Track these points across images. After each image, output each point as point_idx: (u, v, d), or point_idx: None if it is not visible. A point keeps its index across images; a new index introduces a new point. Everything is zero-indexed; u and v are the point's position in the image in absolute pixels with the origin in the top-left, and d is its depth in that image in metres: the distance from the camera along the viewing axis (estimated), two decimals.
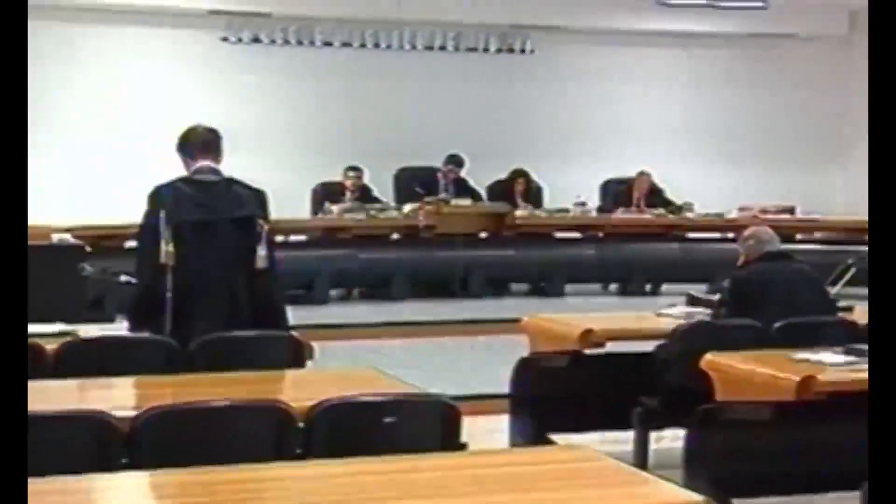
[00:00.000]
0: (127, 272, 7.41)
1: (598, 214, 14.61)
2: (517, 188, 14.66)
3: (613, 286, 14.16)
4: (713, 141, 16.49)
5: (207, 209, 6.23)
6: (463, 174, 14.51)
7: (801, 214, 14.80)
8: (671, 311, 7.56)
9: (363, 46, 15.43)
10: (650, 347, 7.01)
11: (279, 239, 7.58)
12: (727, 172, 16.10)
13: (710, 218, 14.49)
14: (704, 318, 7.15)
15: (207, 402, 4.43)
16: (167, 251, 6.10)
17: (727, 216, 14.31)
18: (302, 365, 5.80)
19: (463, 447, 4.40)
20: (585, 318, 7.56)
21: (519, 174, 14.76)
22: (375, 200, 14.05)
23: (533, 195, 14.77)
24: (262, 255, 6.23)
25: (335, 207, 13.64)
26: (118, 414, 4.24)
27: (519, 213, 14.09)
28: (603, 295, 13.96)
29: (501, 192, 14.64)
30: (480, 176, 14.69)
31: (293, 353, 5.85)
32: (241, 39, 15.06)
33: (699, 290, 8.61)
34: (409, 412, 4.50)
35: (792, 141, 16.69)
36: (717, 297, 7.50)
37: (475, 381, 8.28)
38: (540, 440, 6.64)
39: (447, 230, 13.54)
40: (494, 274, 13.68)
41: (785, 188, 15.58)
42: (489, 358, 8.51)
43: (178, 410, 4.33)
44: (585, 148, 15.72)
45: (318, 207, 13.91)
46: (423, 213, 13.53)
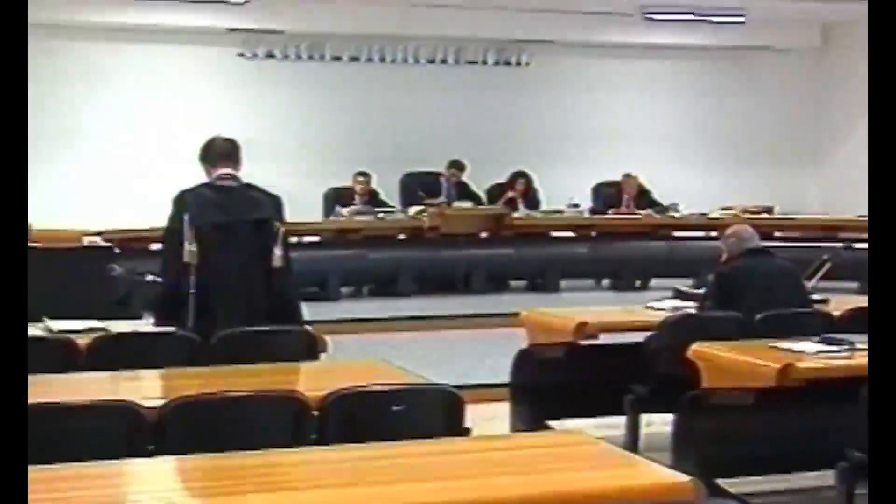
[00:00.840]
0: (152, 272, 7.42)
1: (590, 215, 14.62)
2: (517, 189, 14.68)
3: (605, 282, 14.15)
4: (697, 146, 16.49)
5: (227, 212, 6.23)
6: (464, 178, 14.53)
7: (778, 214, 14.80)
8: (659, 304, 7.56)
9: (370, 60, 15.44)
10: (640, 338, 6.99)
11: (294, 240, 7.55)
12: (710, 175, 16.09)
13: (694, 217, 14.50)
14: (690, 310, 7.16)
15: (228, 392, 4.43)
16: (190, 251, 6.10)
17: (710, 215, 14.30)
18: (316, 357, 5.80)
19: (466, 433, 4.39)
20: (580, 311, 7.57)
21: (519, 175, 14.78)
22: (383, 204, 14.06)
23: (531, 197, 14.77)
24: (277, 254, 6.23)
25: (345, 210, 13.66)
26: (146, 404, 4.25)
27: (516, 214, 14.11)
28: (596, 290, 13.95)
29: (501, 193, 14.65)
30: (480, 180, 14.70)
31: (307, 346, 5.86)
32: (256, 55, 15.06)
33: (685, 284, 8.61)
34: (415, 400, 4.49)
35: (769, 145, 16.69)
36: (702, 291, 7.51)
37: (477, 371, 8.27)
38: (538, 426, 6.64)
39: (450, 231, 13.56)
40: (494, 271, 13.70)
41: (764, 189, 15.58)
42: (490, 349, 8.50)
43: (201, 400, 4.33)
44: (578, 153, 15.72)
45: (329, 210, 13.92)
46: (427, 215, 13.55)
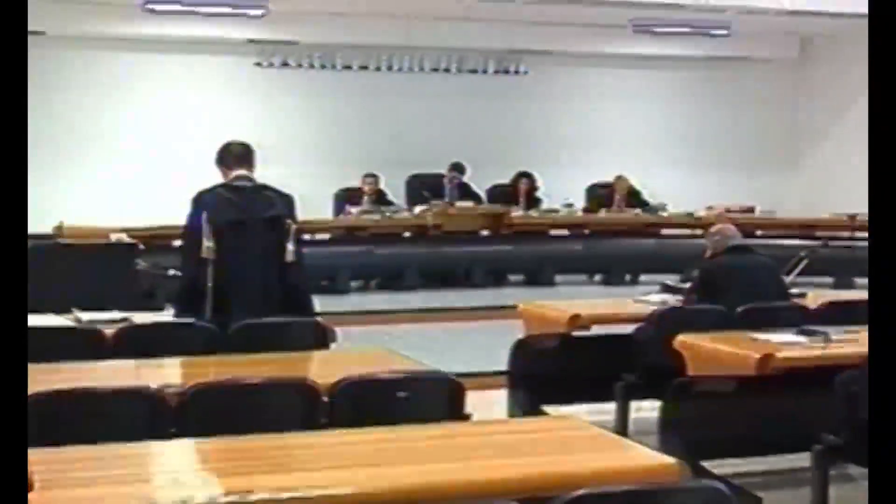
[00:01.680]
0: (174, 266, 7.41)
1: (583, 214, 14.62)
2: (521, 189, 14.68)
3: (598, 277, 14.12)
4: (684, 149, 16.47)
5: (243, 211, 6.22)
6: (465, 179, 14.52)
7: (759, 213, 14.78)
8: (648, 298, 7.55)
9: (378, 69, 15.43)
10: (630, 330, 6.99)
11: (306, 237, 7.57)
12: (696, 177, 16.07)
13: (681, 216, 14.51)
14: (677, 303, 7.15)
15: (244, 379, 4.44)
16: (208, 247, 6.10)
17: (696, 215, 14.29)
18: (326, 347, 5.79)
19: (467, 418, 4.39)
20: (573, 304, 7.56)
21: (523, 175, 14.79)
22: (389, 203, 14.07)
23: (532, 197, 14.77)
24: (290, 250, 6.23)
25: (354, 209, 13.66)
26: (167, 389, 4.25)
27: (515, 213, 14.11)
28: (589, 284, 13.93)
29: (504, 192, 14.66)
30: (481, 181, 14.71)
31: (318, 336, 5.85)
32: (272, 64, 15.06)
33: (672, 279, 8.58)
34: (419, 387, 4.49)
35: (751, 149, 16.68)
36: (687, 285, 7.49)
37: (477, 360, 8.25)
38: (534, 411, 6.63)
39: (452, 229, 13.57)
40: (494, 267, 13.68)
41: (745, 190, 15.56)
42: (489, 340, 8.48)
43: (219, 386, 4.34)
44: (572, 156, 15.69)
45: (339, 209, 13.94)
46: (430, 214, 13.55)
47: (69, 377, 4.47)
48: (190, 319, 6.01)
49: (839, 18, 14.02)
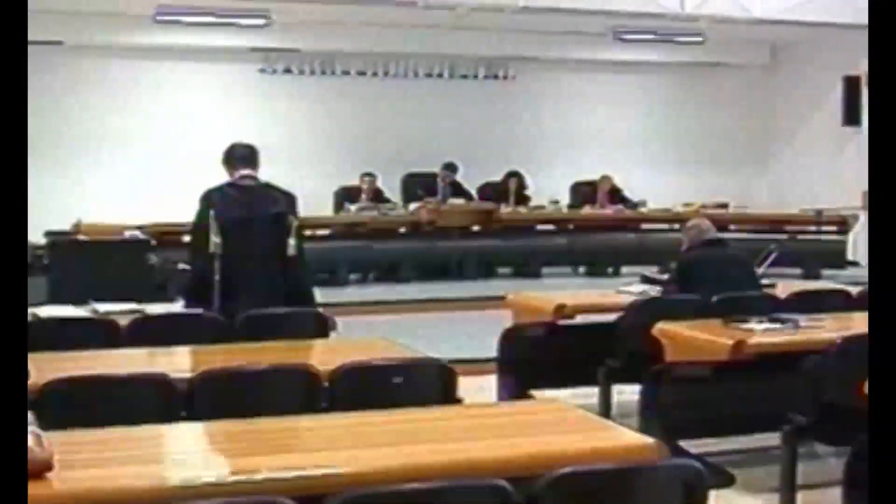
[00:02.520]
0: (184, 261, 7.40)
1: (568, 210, 14.60)
2: (510, 187, 14.67)
3: (582, 269, 14.12)
4: (662, 149, 16.47)
5: (248, 208, 6.22)
6: (457, 178, 14.51)
7: (732, 209, 14.78)
8: (629, 288, 7.55)
9: (375, 75, 15.40)
10: (612, 319, 6.99)
11: (307, 233, 7.55)
12: (673, 175, 16.07)
13: (659, 212, 14.50)
14: (656, 294, 7.14)
15: (250, 366, 4.44)
16: (216, 243, 6.10)
17: (673, 211, 14.30)
18: (326, 335, 5.79)
19: (458, 402, 4.39)
20: (559, 295, 7.56)
21: (512, 174, 14.78)
22: (386, 201, 14.06)
23: (521, 194, 14.77)
24: (292, 245, 6.23)
25: (353, 206, 13.65)
26: (177, 376, 4.25)
27: (504, 209, 14.11)
28: (573, 276, 13.91)
29: (494, 190, 14.65)
30: (472, 180, 14.70)
31: (319, 326, 5.85)
32: (275, 71, 15.03)
33: (652, 271, 8.59)
34: (414, 373, 4.50)
35: (725, 149, 16.67)
36: (666, 276, 7.49)
37: (468, 347, 8.26)
38: (522, 395, 6.63)
39: (445, 225, 13.55)
40: (484, 260, 13.67)
41: (720, 187, 15.55)
42: (480, 328, 8.49)
43: (226, 373, 4.34)
44: (557, 156, 15.69)
45: (339, 207, 13.92)
46: (425, 210, 13.54)
47: (86, 364, 4.47)
48: (199, 310, 6.01)
49: (807, 27, 14.04)
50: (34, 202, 12.53)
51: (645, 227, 14.47)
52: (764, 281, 7.42)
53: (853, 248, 14.67)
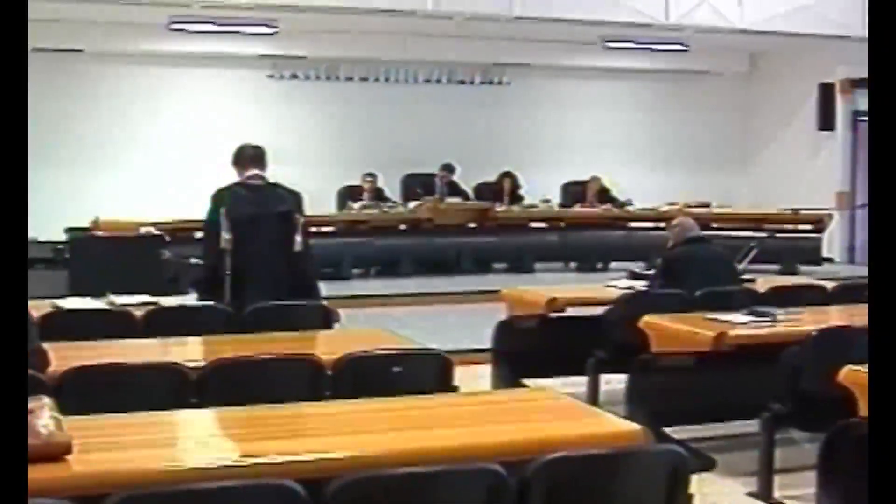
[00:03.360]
0: (196, 256, 7.40)
1: (559, 209, 14.60)
2: (504, 186, 14.67)
3: (572, 264, 14.13)
4: (648, 152, 16.46)
5: (256, 206, 6.22)
6: (454, 178, 14.51)
7: (714, 208, 14.77)
8: (616, 283, 7.55)
9: (377, 80, 15.39)
10: (600, 311, 6.99)
11: (312, 229, 7.54)
12: (659, 176, 16.06)
13: (646, 211, 14.49)
14: (642, 288, 7.15)
15: (258, 355, 4.44)
16: (226, 239, 6.11)
17: (659, 210, 14.29)
18: (330, 327, 5.80)
19: (455, 390, 4.39)
20: (550, 289, 7.57)
21: (506, 175, 14.77)
22: (387, 199, 14.05)
23: (515, 194, 14.76)
24: (298, 241, 6.24)
25: (355, 205, 13.65)
26: (189, 365, 4.25)
27: (498, 208, 14.11)
28: (564, 271, 13.93)
29: (489, 190, 14.64)
30: (468, 180, 14.70)
31: (323, 317, 5.85)
32: (282, 76, 15.01)
33: (638, 266, 8.58)
34: (413, 363, 4.50)
35: (707, 152, 16.67)
36: (651, 272, 7.49)
37: (465, 338, 8.26)
38: (515, 384, 6.63)
39: (443, 222, 13.55)
40: (480, 256, 13.67)
41: (702, 188, 15.54)
42: (475, 320, 8.49)
43: (235, 362, 4.33)
44: (550, 157, 15.67)
45: (342, 205, 13.91)
46: (423, 209, 13.54)
47: (104, 353, 4.47)
48: (210, 303, 6.01)
49: (784, 37, 14.06)
50: (56, 201, 12.56)
51: (632, 225, 14.46)
52: (744, 276, 7.43)
53: (828, 245, 14.76)
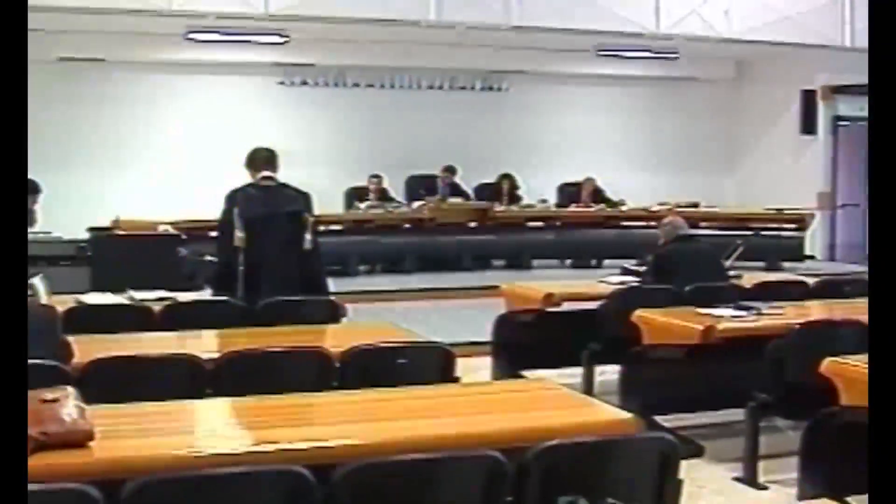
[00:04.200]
0: (211, 253, 7.39)
1: (556, 209, 14.59)
2: (503, 187, 14.66)
3: (568, 261, 14.12)
4: (640, 154, 16.44)
5: (268, 206, 6.22)
6: (456, 180, 14.50)
7: (703, 208, 14.76)
8: (610, 279, 7.55)
9: (382, 87, 15.37)
10: (595, 306, 6.99)
11: (321, 228, 7.55)
12: (650, 177, 16.04)
13: (638, 211, 14.47)
14: (634, 284, 7.14)
15: (269, 348, 4.44)
16: (239, 237, 6.12)
17: (650, 209, 14.27)
18: (338, 321, 5.80)
19: (456, 380, 4.39)
20: (547, 285, 7.56)
21: (505, 177, 14.76)
22: (391, 200, 14.04)
23: (513, 194, 14.74)
24: (308, 239, 6.24)
25: (362, 205, 13.65)
26: (205, 357, 4.25)
27: (498, 208, 14.10)
28: (560, 268, 13.90)
29: (489, 190, 14.63)
30: (469, 181, 14.69)
31: (331, 312, 5.85)
32: (293, 83, 15.00)
33: (631, 263, 8.58)
34: (416, 355, 4.50)
35: (696, 154, 16.64)
36: (643, 268, 7.49)
37: (466, 331, 8.25)
38: (513, 375, 6.64)
39: (445, 221, 13.55)
40: (480, 253, 13.67)
41: (691, 188, 15.52)
42: (476, 315, 8.49)
43: (248, 354, 4.34)
44: (546, 160, 15.65)
45: (349, 205, 13.91)
46: (426, 209, 13.54)
47: (124, 346, 4.48)
48: (224, 298, 6.01)
49: (768, 46, 14.05)
50: (79, 201, 12.55)
51: (624, 224, 14.45)
52: (731, 273, 7.42)
53: (810, 243, 14.78)
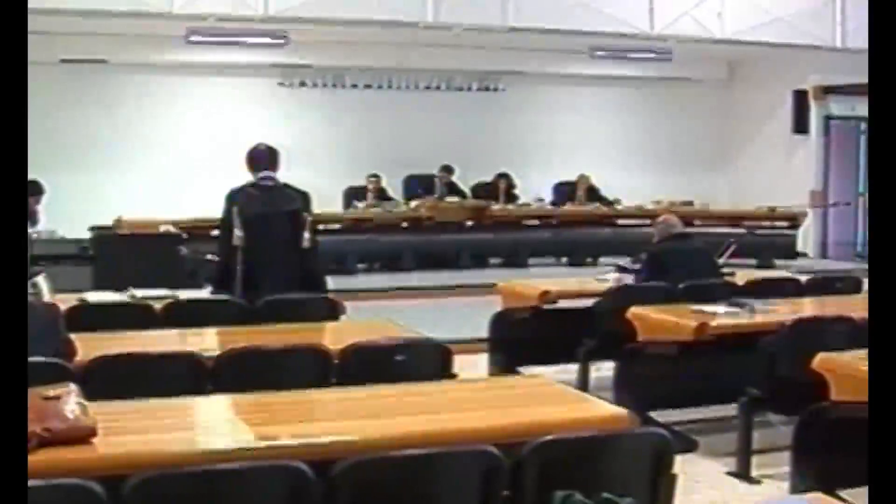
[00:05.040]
0: (211, 252, 7.39)
1: (552, 207, 14.59)
2: (500, 186, 14.65)
3: (564, 259, 14.11)
4: (635, 153, 16.43)
5: (267, 205, 6.21)
6: (453, 179, 14.50)
7: (697, 206, 14.76)
8: (605, 276, 7.56)
9: (380, 87, 15.37)
10: (590, 303, 7.00)
11: (320, 227, 7.54)
12: (644, 176, 16.03)
13: (632, 209, 14.48)
14: (629, 281, 7.15)
15: (269, 345, 4.44)
16: (239, 236, 6.11)
17: (645, 208, 14.28)
18: (337, 318, 5.79)
19: (454, 377, 4.39)
20: (543, 282, 7.56)
21: (502, 176, 14.76)
22: (389, 199, 14.04)
23: (509, 193, 14.74)
24: (306, 238, 6.23)
25: (360, 204, 13.64)
26: (206, 354, 4.26)
27: (494, 207, 14.10)
28: (556, 266, 13.90)
29: (486, 189, 14.63)
30: (466, 180, 14.70)
31: (330, 310, 5.85)
32: (292, 84, 15.00)
33: (625, 261, 8.58)
34: (414, 352, 4.49)
35: (689, 153, 16.64)
36: (638, 266, 7.49)
37: (463, 328, 8.25)
38: (510, 371, 6.63)
39: (442, 220, 13.54)
40: (477, 251, 13.66)
41: (685, 187, 15.52)
42: (473, 312, 8.48)
43: (248, 351, 4.33)
44: (542, 159, 15.65)
45: (347, 204, 13.90)
46: (424, 207, 13.53)
47: (126, 343, 4.47)
48: (224, 296, 6.01)
49: (761, 47, 14.05)
50: (82, 201, 12.55)
51: (619, 222, 14.46)
52: (724, 270, 7.43)
53: (802, 241, 14.79)
